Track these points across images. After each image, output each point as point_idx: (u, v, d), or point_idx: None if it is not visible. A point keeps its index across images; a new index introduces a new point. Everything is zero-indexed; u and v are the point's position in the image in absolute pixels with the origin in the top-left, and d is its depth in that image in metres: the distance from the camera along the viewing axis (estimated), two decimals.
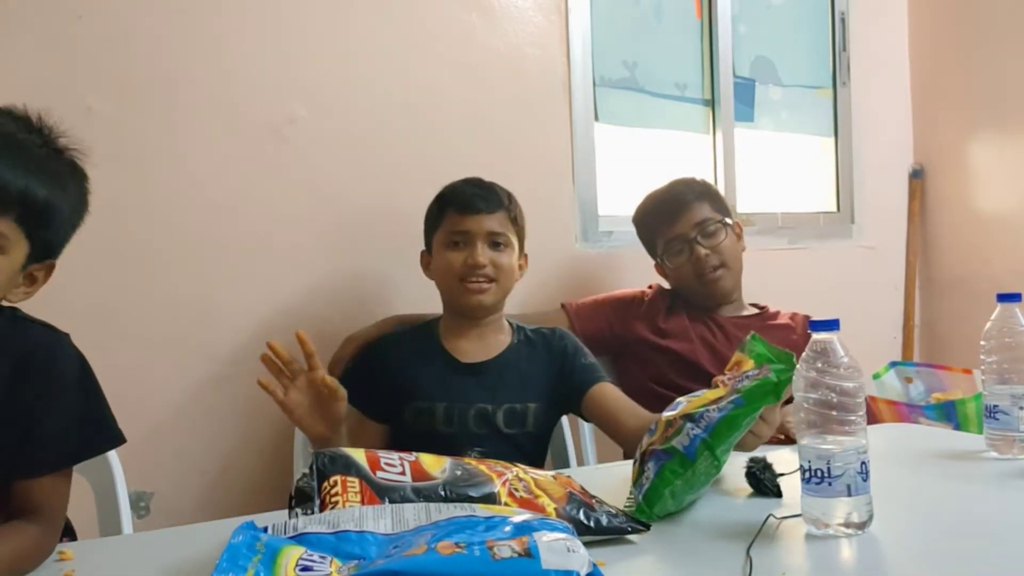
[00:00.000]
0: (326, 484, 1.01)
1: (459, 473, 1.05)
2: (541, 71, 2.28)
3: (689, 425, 1.10)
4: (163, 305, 1.78)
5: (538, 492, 1.05)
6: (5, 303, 1.02)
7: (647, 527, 1.04)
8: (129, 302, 1.75)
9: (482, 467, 1.08)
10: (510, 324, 1.75)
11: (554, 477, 1.12)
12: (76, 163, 1.05)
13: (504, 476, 1.06)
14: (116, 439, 1.11)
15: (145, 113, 1.78)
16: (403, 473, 1.03)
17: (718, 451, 1.08)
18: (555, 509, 1.02)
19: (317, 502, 0.99)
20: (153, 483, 1.78)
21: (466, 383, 1.64)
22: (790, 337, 1.91)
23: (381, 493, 1.00)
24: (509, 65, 2.22)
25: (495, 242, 1.66)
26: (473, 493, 1.02)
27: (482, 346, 1.69)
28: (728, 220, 1.99)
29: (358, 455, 1.05)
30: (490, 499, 1.01)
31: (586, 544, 0.84)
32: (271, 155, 1.91)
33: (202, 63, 1.83)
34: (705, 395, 1.18)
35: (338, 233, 1.98)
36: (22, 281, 1.01)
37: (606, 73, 2.48)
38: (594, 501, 1.06)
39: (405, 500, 0.99)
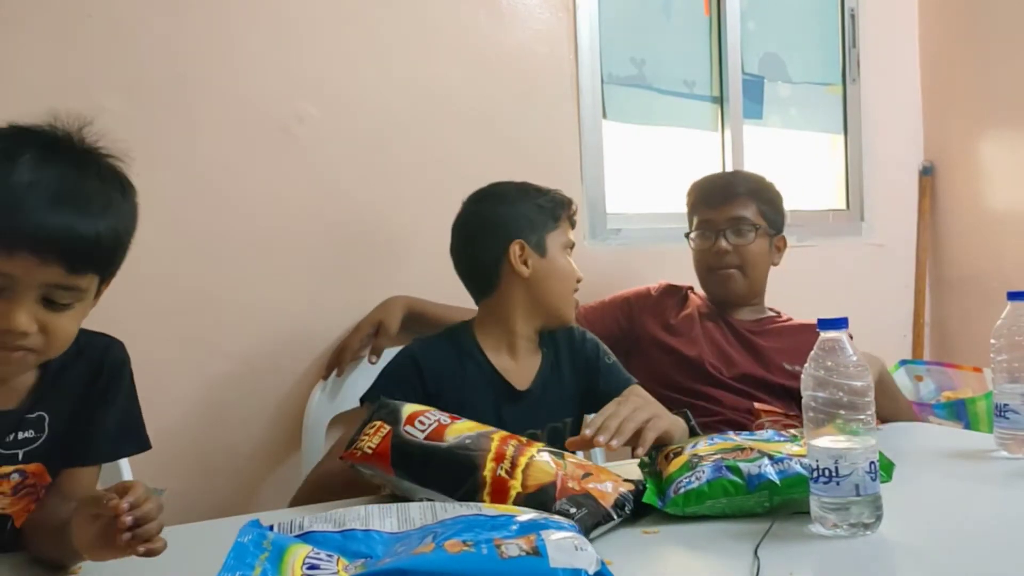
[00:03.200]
0: (369, 424, 1.18)
1: (468, 442, 1.13)
2: (549, 68, 2.27)
3: (767, 461, 1.10)
4: (172, 303, 1.79)
5: (517, 475, 1.09)
6: None
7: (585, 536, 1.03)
8: (138, 300, 1.76)
9: (493, 444, 1.13)
10: None
11: (559, 460, 1.14)
12: (125, 180, 1.07)
13: (501, 461, 1.10)
14: (147, 443, 1.19)
15: (155, 111, 1.78)
16: (424, 431, 1.15)
17: (777, 499, 1.08)
18: (516, 493, 1.06)
19: (355, 436, 1.18)
20: (163, 480, 1.77)
21: (517, 411, 1.57)
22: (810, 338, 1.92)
23: (396, 444, 1.14)
24: (517, 62, 2.22)
25: None
26: (461, 459, 1.11)
27: (527, 364, 1.60)
28: (769, 229, 1.96)
29: (411, 408, 1.19)
30: (472, 470, 1.09)
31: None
32: (281, 153, 1.91)
33: (212, 61, 1.84)
34: (784, 444, 1.17)
35: (347, 230, 1.98)
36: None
37: (614, 70, 2.47)
38: (563, 500, 1.05)
39: (409, 452, 1.13)
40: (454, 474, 1.10)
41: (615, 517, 1.08)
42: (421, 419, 1.16)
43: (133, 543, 0.84)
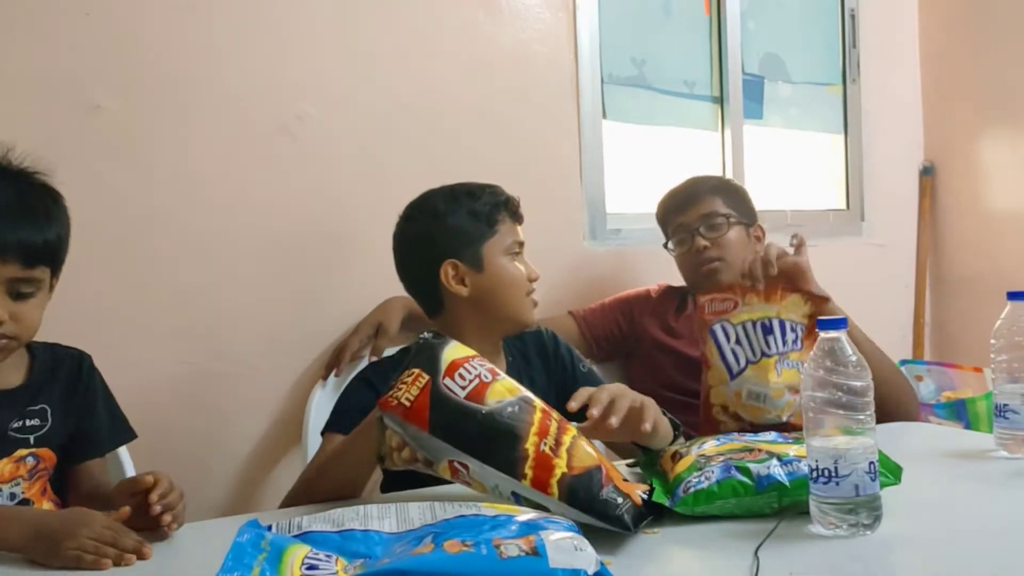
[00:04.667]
0: (407, 372, 1.12)
1: (510, 411, 1.09)
2: (549, 68, 2.27)
3: (776, 462, 1.10)
4: (170, 303, 1.79)
5: (562, 453, 1.06)
6: None
7: (631, 529, 1.03)
8: (136, 300, 1.76)
9: (536, 415, 1.10)
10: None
11: (593, 446, 1.13)
12: (54, 190, 1.28)
13: (545, 436, 1.07)
14: (134, 433, 1.42)
15: (152, 110, 1.78)
16: (464, 387, 1.10)
17: (785, 500, 1.08)
18: (562, 473, 1.03)
19: (392, 384, 1.13)
20: None
21: None
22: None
23: (435, 399, 1.08)
24: (517, 62, 2.22)
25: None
26: (504, 428, 1.07)
27: None
28: (742, 219, 1.97)
29: (452, 353, 1.13)
30: (514, 440, 1.06)
31: (585, 533, 0.84)
32: (279, 153, 1.91)
33: (210, 60, 1.84)
34: (790, 446, 1.17)
35: (347, 230, 1.98)
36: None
37: (614, 70, 2.47)
38: (610, 488, 1.05)
39: (448, 410, 1.08)
40: (494, 442, 1.06)
41: (649, 515, 1.08)
42: (462, 371, 1.11)
43: (162, 516, 1.09)
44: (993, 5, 2.86)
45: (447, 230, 1.51)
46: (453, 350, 1.14)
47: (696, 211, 1.96)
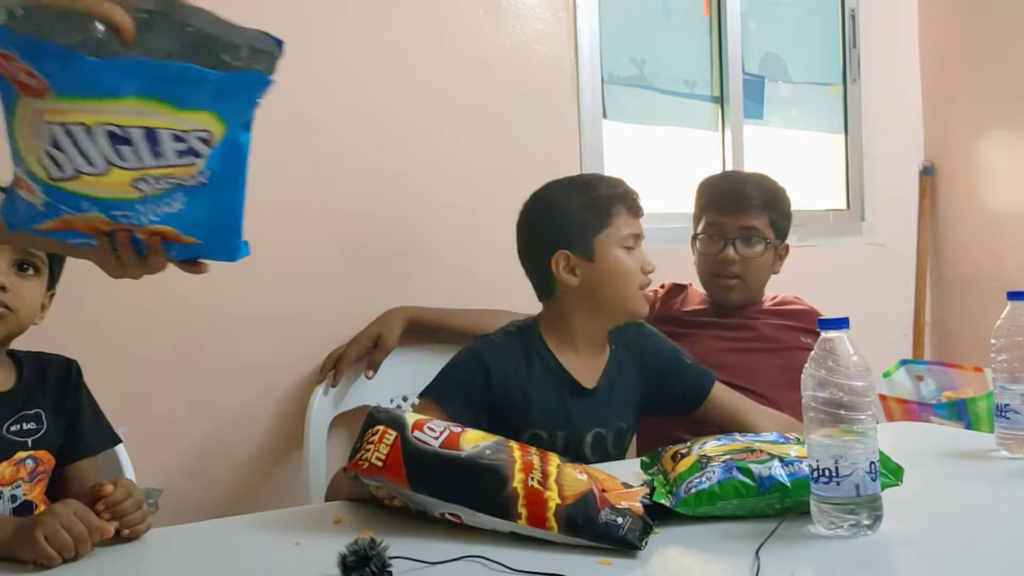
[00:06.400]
0: (371, 431, 1.11)
1: (489, 452, 1.08)
2: (549, 68, 2.27)
3: (777, 463, 1.10)
4: (174, 306, 1.78)
5: (551, 485, 1.05)
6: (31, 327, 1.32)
7: (639, 548, 1.02)
8: (140, 303, 1.75)
9: (516, 453, 1.09)
10: None
11: (581, 467, 1.13)
12: None
13: (530, 471, 1.07)
14: (118, 438, 1.43)
15: None
16: (436, 438, 1.09)
17: (788, 500, 1.08)
18: (556, 505, 1.03)
19: (357, 444, 1.11)
20: (163, 480, 1.78)
21: (583, 407, 1.53)
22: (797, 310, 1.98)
23: (408, 452, 1.07)
24: (517, 62, 2.22)
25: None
26: (488, 470, 1.07)
27: (594, 362, 1.56)
28: (775, 240, 1.93)
29: (413, 415, 1.15)
30: (502, 481, 1.05)
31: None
32: (278, 154, 1.90)
33: None
34: (791, 446, 1.16)
35: (348, 232, 1.98)
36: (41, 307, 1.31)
37: (614, 70, 2.47)
38: (607, 509, 1.04)
39: (424, 461, 1.07)
40: (481, 487, 1.05)
41: (653, 524, 1.07)
42: (430, 425, 1.11)
43: (121, 528, 1.09)
44: (993, 5, 2.86)
45: (560, 220, 1.54)
46: (412, 415, 1.15)
47: (739, 219, 1.89)
